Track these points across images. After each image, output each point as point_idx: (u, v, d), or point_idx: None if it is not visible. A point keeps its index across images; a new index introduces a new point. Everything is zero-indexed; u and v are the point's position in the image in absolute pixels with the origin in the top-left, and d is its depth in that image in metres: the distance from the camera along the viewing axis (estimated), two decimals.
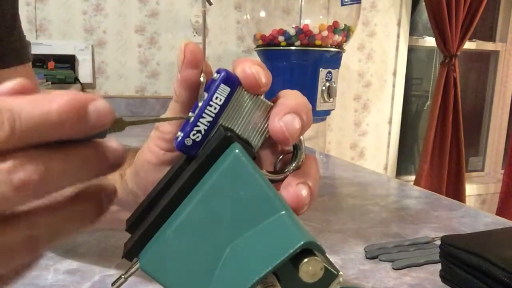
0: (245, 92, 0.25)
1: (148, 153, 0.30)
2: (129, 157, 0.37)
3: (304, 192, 0.26)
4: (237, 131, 0.26)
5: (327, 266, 0.22)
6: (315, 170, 0.29)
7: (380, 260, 0.55)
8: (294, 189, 0.26)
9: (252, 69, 0.25)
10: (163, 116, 0.29)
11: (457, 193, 2.66)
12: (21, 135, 0.17)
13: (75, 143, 0.19)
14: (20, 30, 0.61)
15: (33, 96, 0.17)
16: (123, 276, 0.25)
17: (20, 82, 0.19)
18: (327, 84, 1.01)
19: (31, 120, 0.17)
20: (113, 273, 0.49)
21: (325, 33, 0.98)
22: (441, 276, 0.51)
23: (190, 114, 0.26)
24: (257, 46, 1.07)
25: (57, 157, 0.18)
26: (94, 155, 0.19)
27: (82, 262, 0.51)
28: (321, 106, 1.02)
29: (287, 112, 0.25)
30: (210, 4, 0.27)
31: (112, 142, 0.20)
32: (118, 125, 0.20)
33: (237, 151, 0.24)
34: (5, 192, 0.16)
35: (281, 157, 0.29)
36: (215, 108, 0.25)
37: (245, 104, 0.26)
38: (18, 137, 0.17)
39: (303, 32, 0.98)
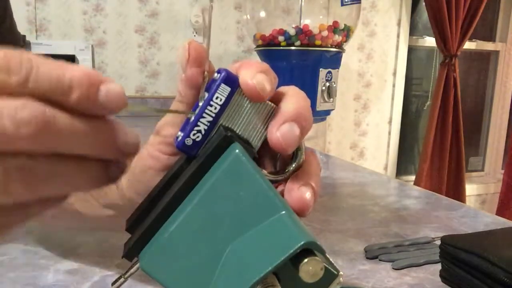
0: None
1: (150, 159, 0.29)
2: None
3: (307, 194, 0.26)
4: (237, 131, 0.26)
5: (327, 266, 0.22)
6: (316, 166, 0.28)
7: (380, 260, 0.55)
8: (297, 192, 0.26)
9: (255, 80, 0.25)
10: (164, 118, 0.29)
11: (457, 193, 2.66)
12: (34, 85, 0.18)
13: (88, 116, 0.19)
14: (13, 25, 0.61)
15: (54, 61, 0.19)
16: (123, 276, 0.25)
17: None
18: (327, 84, 1.01)
19: (46, 75, 0.18)
20: (113, 273, 0.49)
21: (325, 33, 0.98)
22: (441, 276, 0.51)
23: (190, 114, 0.26)
24: (257, 46, 1.07)
25: (64, 116, 0.18)
26: (102, 128, 0.20)
27: (82, 262, 0.51)
28: (321, 106, 1.02)
29: (285, 120, 0.25)
30: (211, 0, 0.27)
31: (125, 126, 0.21)
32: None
33: (237, 151, 0.24)
34: (6, 125, 0.17)
35: (279, 155, 0.29)
36: (215, 108, 0.25)
37: (246, 104, 0.26)
38: (31, 85, 0.18)
39: (303, 32, 0.98)
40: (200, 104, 0.25)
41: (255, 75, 0.25)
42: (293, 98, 0.27)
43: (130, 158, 0.21)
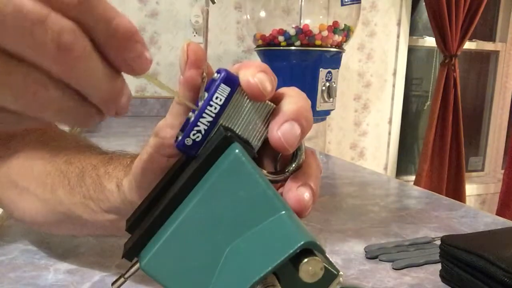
0: (245, 93, 0.25)
1: (150, 161, 0.29)
2: (125, 165, 0.37)
3: (306, 195, 0.26)
4: (237, 131, 0.26)
5: (327, 266, 0.22)
6: (315, 166, 0.28)
7: (380, 260, 0.55)
8: (296, 193, 0.26)
9: (256, 78, 0.25)
10: (163, 119, 0.29)
11: (457, 193, 2.66)
12: (83, 12, 0.18)
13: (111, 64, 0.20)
14: None
15: (110, 4, 0.19)
16: (123, 276, 0.25)
17: None
18: (327, 84, 1.01)
19: (97, 9, 0.18)
20: (113, 273, 0.49)
21: (325, 33, 0.98)
22: (441, 276, 0.51)
23: (190, 114, 0.26)
24: (257, 46, 1.07)
25: (96, 56, 0.19)
26: (118, 84, 0.21)
27: (82, 262, 0.51)
28: (321, 106, 1.02)
29: (286, 120, 0.25)
30: (213, 2, 0.27)
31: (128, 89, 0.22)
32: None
33: (237, 151, 0.24)
34: (47, 41, 0.17)
35: (280, 154, 0.29)
36: (215, 108, 0.25)
37: (245, 104, 0.26)
38: (81, 11, 0.18)
39: (303, 32, 0.98)
40: (200, 104, 0.25)
41: (256, 74, 0.25)
42: (294, 98, 0.27)
43: (113, 116, 0.22)
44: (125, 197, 0.34)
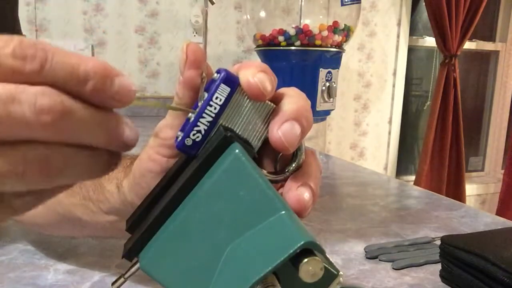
0: (245, 93, 0.25)
1: (150, 162, 0.29)
2: (125, 166, 0.37)
3: (306, 195, 0.26)
4: (237, 131, 0.26)
5: (327, 266, 0.22)
6: (315, 166, 0.28)
7: (380, 260, 0.55)
8: (296, 193, 0.26)
9: (256, 78, 0.25)
10: (163, 120, 0.29)
11: (457, 193, 2.66)
12: (49, 74, 0.18)
13: (98, 107, 0.20)
14: (20, 33, 0.61)
15: (69, 51, 0.19)
16: (123, 276, 0.25)
17: None
18: (327, 84, 1.01)
19: (61, 64, 0.18)
20: (113, 273, 0.49)
21: (325, 33, 0.98)
22: (441, 276, 0.51)
23: (190, 114, 0.26)
24: (257, 46, 1.07)
25: (80, 105, 0.19)
26: (113, 121, 0.20)
27: (82, 262, 0.51)
28: (321, 106, 1.02)
29: (286, 119, 0.25)
30: (213, 3, 0.26)
31: (129, 120, 0.21)
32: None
33: (237, 151, 0.24)
34: (26, 112, 0.17)
35: (280, 154, 0.29)
36: (215, 108, 0.25)
37: (245, 104, 0.26)
38: (46, 74, 0.18)
39: (303, 32, 0.98)
40: (200, 104, 0.25)
41: (256, 74, 0.25)
42: (294, 98, 0.27)
43: (127, 151, 0.22)
44: (125, 198, 0.34)
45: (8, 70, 0.17)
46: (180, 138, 0.25)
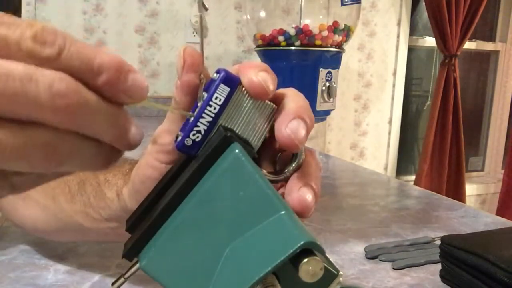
0: (245, 92, 0.25)
1: (149, 168, 0.29)
2: (124, 173, 0.36)
3: (308, 196, 0.26)
4: (237, 131, 0.26)
5: (327, 266, 0.22)
6: (315, 165, 0.28)
7: (380, 260, 0.55)
8: (298, 194, 0.26)
9: (259, 77, 0.25)
10: (161, 125, 0.29)
11: (457, 193, 2.66)
12: (65, 62, 0.18)
13: (110, 101, 0.20)
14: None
15: (88, 44, 0.19)
16: (123, 276, 0.25)
17: None
18: (327, 84, 1.01)
19: (78, 54, 0.18)
20: (113, 273, 0.49)
21: (325, 33, 0.98)
22: (441, 276, 0.51)
23: (190, 114, 0.26)
24: (257, 46, 1.07)
25: (93, 96, 0.19)
26: (122, 118, 0.20)
27: (82, 262, 0.51)
28: (321, 106, 1.02)
29: (292, 118, 0.25)
30: (206, 9, 0.26)
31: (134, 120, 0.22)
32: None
33: (237, 151, 0.24)
34: (41, 93, 0.17)
35: (279, 154, 0.29)
36: (214, 108, 0.25)
37: (245, 104, 0.26)
38: (63, 61, 0.18)
39: (303, 32, 0.98)
40: (199, 104, 0.25)
41: (258, 73, 0.25)
42: (295, 98, 0.27)
43: (129, 149, 0.22)
44: (125, 205, 0.33)
45: (27, 52, 0.17)
46: (180, 138, 0.25)
